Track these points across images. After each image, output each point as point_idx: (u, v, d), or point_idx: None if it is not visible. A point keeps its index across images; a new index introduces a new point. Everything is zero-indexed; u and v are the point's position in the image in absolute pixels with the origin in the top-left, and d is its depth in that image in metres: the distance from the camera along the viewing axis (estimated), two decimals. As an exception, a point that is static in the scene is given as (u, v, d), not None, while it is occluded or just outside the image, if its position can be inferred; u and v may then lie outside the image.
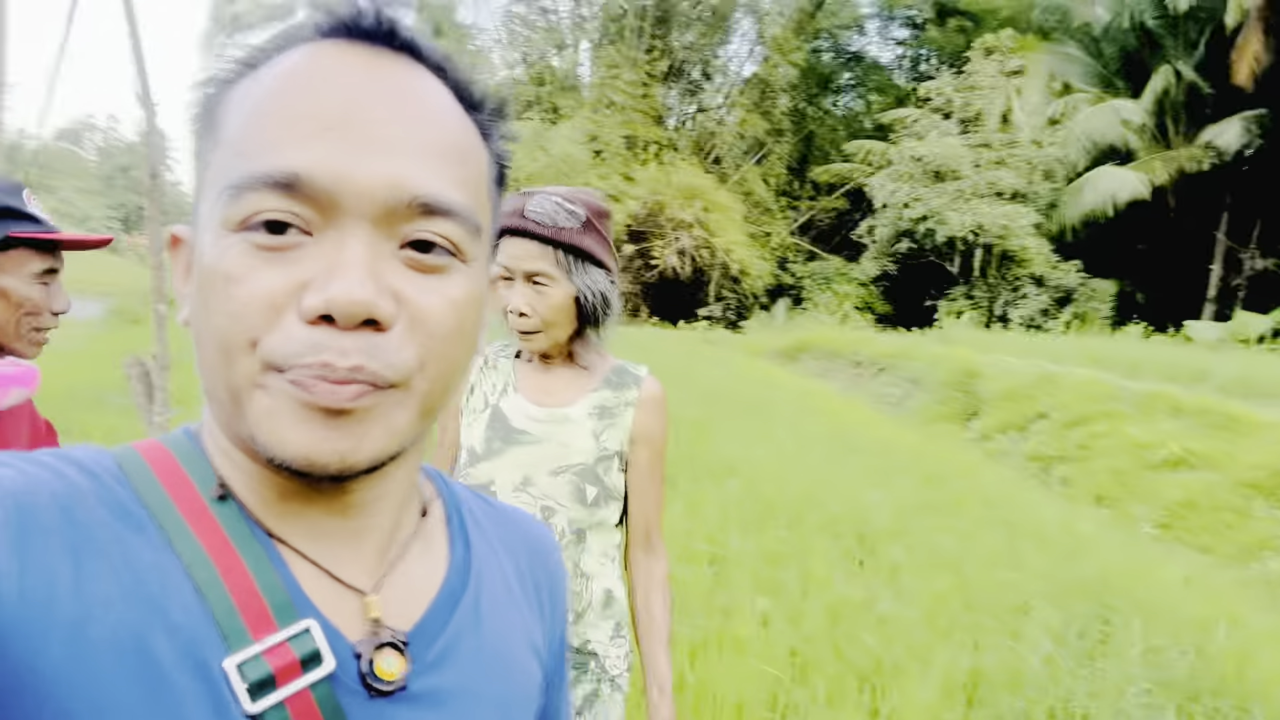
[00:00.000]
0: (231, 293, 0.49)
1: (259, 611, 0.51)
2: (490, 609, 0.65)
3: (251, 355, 0.49)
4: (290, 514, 0.56)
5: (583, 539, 1.60)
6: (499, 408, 1.67)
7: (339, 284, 0.48)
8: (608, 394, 1.65)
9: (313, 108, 0.50)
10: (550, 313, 1.56)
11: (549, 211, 1.53)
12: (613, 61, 25.53)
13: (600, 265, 1.58)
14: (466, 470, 1.65)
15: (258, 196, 0.49)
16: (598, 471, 1.60)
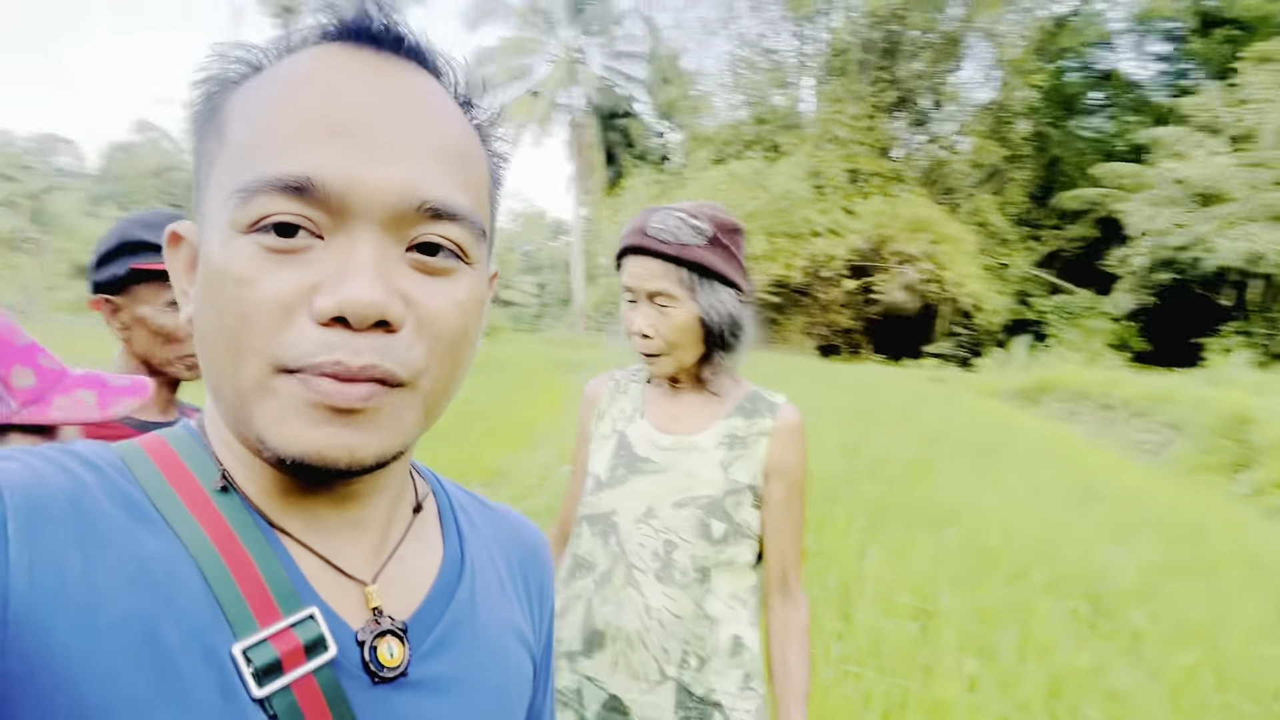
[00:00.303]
0: (243, 294, 0.50)
1: (264, 599, 0.52)
2: (484, 600, 0.66)
3: (261, 357, 0.50)
4: (291, 506, 0.57)
5: (707, 578, 1.50)
6: (625, 434, 1.61)
7: (351, 286, 0.49)
8: (739, 422, 1.55)
9: (322, 111, 0.51)
10: (674, 334, 1.48)
11: (671, 228, 1.46)
12: (836, 96, 25.28)
13: (729, 284, 1.49)
14: (589, 498, 1.59)
15: (269, 199, 0.50)
16: (726, 506, 1.50)
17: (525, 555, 0.75)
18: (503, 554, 0.73)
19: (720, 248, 1.48)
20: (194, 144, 0.58)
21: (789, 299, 23.86)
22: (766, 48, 28.58)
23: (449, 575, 0.65)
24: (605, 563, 1.54)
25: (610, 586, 1.52)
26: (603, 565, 1.54)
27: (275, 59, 0.56)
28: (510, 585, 0.72)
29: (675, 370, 1.53)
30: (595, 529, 1.56)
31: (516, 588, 0.72)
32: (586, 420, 1.71)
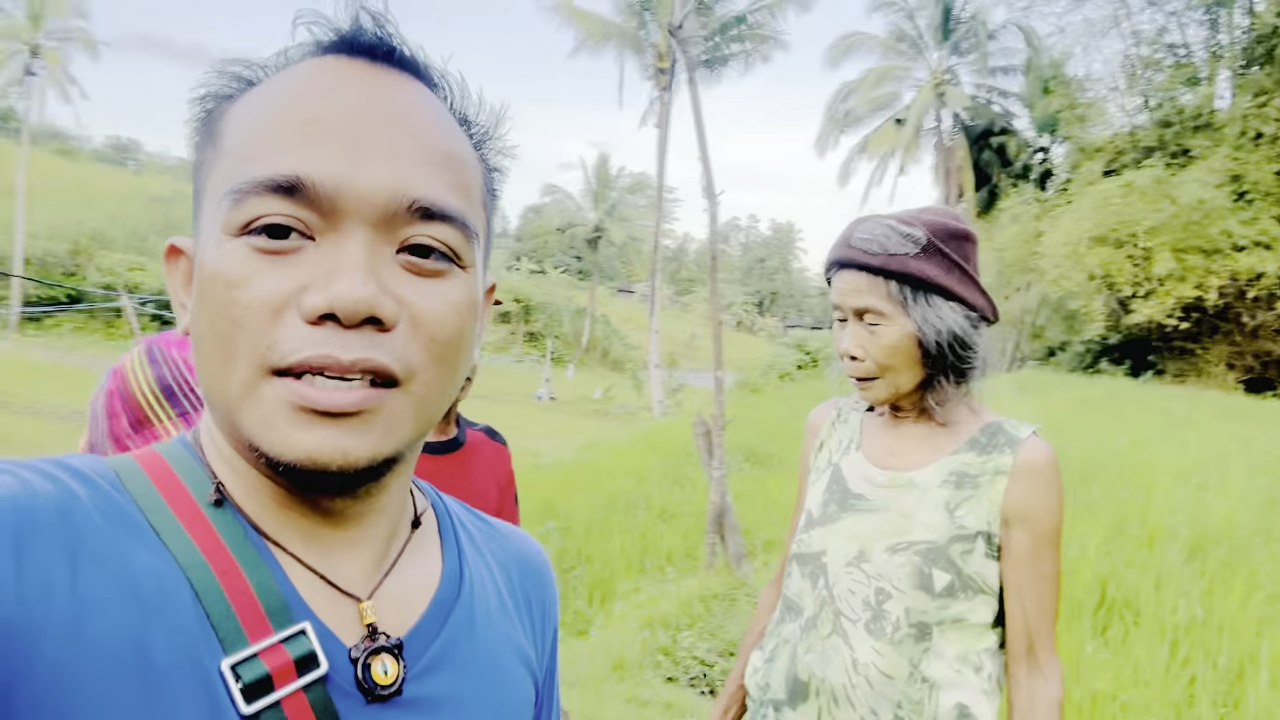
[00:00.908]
0: (233, 296, 0.50)
1: (255, 614, 0.51)
2: (483, 619, 0.65)
3: (251, 359, 0.50)
4: (288, 521, 0.56)
5: (926, 636, 1.31)
6: (839, 467, 1.48)
7: (341, 283, 0.49)
8: (971, 458, 1.35)
9: (314, 115, 0.52)
10: (884, 355, 1.33)
11: (878, 236, 1.32)
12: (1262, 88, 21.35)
13: (952, 298, 1.32)
14: (800, 535, 1.48)
15: (260, 201, 0.50)
16: (951, 554, 1.30)
17: (527, 574, 0.74)
18: (504, 572, 0.71)
19: (938, 256, 1.32)
20: (193, 160, 0.58)
21: (1204, 325, 20.45)
22: (1169, 42, 25.07)
23: (447, 592, 0.63)
24: (812, 607, 1.42)
25: (816, 633, 1.40)
26: (810, 609, 1.43)
27: (272, 73, 0.56)
28: (511, 603, 0.70)
29: (890, 396, 1.39)
30: (805, 569, 1.45)
31: (518, 606, 0.71)
32: (807, 452, 1.61)
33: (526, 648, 0.70)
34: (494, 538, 0.74)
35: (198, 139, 0.57)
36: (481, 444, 1.97)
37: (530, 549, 0.77)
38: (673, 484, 8.97)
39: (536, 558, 0.77)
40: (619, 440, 12.66)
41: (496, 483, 1.95)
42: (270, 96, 0.54)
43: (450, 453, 1.87)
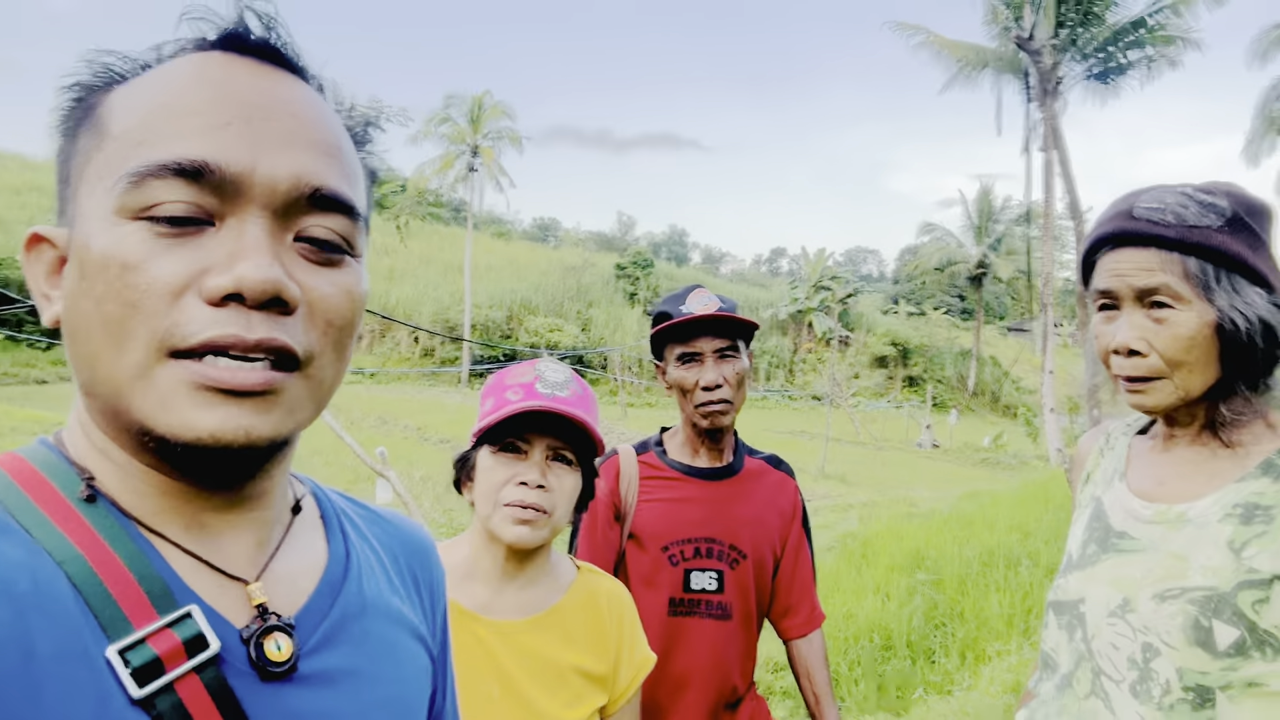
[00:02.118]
0: (129, 280, 0.50)
1: (137, 600, 0.51)
2: (374, 596, 0.67)
3: (147, 342, 0.50)
4: (170, 509, 0.56)
5: (1208, 703, 1.08)
6: (1101, 501, 1.28)
7: (246, 264, 0.50)
8: (1264, 486, 1.10)
9: (212, 102, 0.53)
10: (1177, 348, 1.11)
11: (1172, 205, 1.12)
12: None
13: (1259, 281, 1.11)
14: (1059, 580, 1.30)
15: (163, 184, 0.50)
16: (1238, 604, 1.07)
17: (414, 555, 0.76)
18: (390, 553, 0.73)
19: (1246, 232, 1.11)
20: (61, 148, 0.57)
21: None
22: None
23: (334, 572, 0.65)
24: (1069, 663, 1.25)
25: (1071, 694, 1.23)
26: (1066, 665, 1.26)
27: (147, 66, 0.57)
28: (400, 583, 0.72)
29: (1175, 402, 1.15)
30: (1061, 620, 1.28)
31: (406, 585, 0.72)
32: (1074, 486, 1.42)
33: (418, 623, 0.71)
34: (377, 523, 0.75)
35: (67, 126, 0.57)
36: (763, 472, 1.96)
37: (415, 532, 0.78)
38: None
39: (421, 540, 0.78)
40: (1004, 490, 11.73)
41: (778, 512, 1.94)
42: (162, 85, 0.54)
43: (725, 479, 1.88)
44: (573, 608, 1.37)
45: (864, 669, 5.42)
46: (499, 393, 1.34)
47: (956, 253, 44.52)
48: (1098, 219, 1.23)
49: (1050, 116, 16.82)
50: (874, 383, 35.22)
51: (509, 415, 1.27)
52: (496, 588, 1.34)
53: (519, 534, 1.28)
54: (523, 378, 1.34)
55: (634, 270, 41.62)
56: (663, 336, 1.85)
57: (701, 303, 1.81)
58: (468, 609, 1.31)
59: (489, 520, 1.30)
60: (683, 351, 1.81)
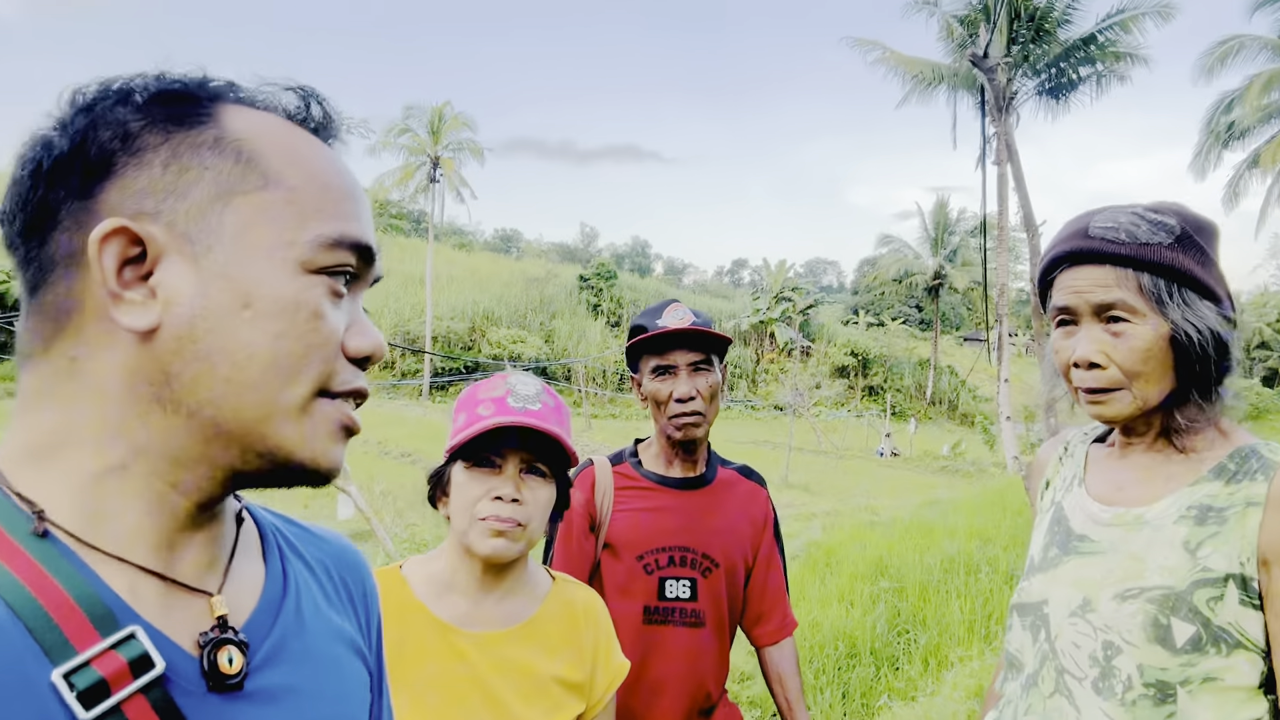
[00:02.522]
0: (317, 326, 0.58)
1: (79, 623, 0.51)
2: (312, 612, 0.69)
3: (314, 381, 0.59)
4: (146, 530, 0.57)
5: (1169, 699, 1.12)
6: (1061, 506, 1.33)
7: (375, 334, 0.63)
8: (1216, 489, 1.16)
9: (356, 192, 0.64)
10: (1135, 360, 1.16)
11: (1125, 224, 1.17)
12: None
13: (1208, 295, 1.17)
14: (1022, 583, 1.34)
15: (345, 253, 0.60)
16: (1195, 602, 1.12)
17: (346, 569, 0.78)
18: (323, 569, 0.75)
19: (1194, 249, 1.17)
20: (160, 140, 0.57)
21: None
22: None
23: (274, 589, 0.66)
24: (1033, 663, 1.29)
25: (1036, 692, 1.27)
26: (1030, 665, 1.29)
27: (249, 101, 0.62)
28: (336, 598, 0.74)
29: (1134, 411, 1.19)
30: (1025, 621, 1.32)
31: (341, 600, 0.74)
32: (1034, 494, 1.48)
33: (356, 637, 0.73)
34: (309, 539, 0.76)
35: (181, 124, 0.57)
36: (735, 482, 2.00)
37: (344, 545, 0.81)
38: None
39: (351, 553, 0.81)
40: (963, 498, 11.92)
41: (750, 521, 1.98)
42: (307, 154, 0.62)
43: (698, 489, 1.93)
44: (550, 618, 1.39)
45: (829, 677, 5.46)
46: (471, 407, 1.35)
47: (914, 264, 45.20)
48: (1054, 239, 1.27)
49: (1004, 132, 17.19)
50: (835, 392, 35.55)
51: (482, 431, 1.29)
52: (475, 600, 1.35)
53: (495, 547, 1.30)
54: (494, 392, 1.35)
55: (597, 282, 41.61)
56: (638, 349, 1.89)
57: (677, 317, 1.86)
58: (447, 622, 1.32)
59: (465, 535, 1.31)
60: (657, 364, 1.86)
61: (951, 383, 42.87)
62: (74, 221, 0.55)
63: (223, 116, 0.59)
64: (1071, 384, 1.24)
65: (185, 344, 0.55)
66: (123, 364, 0.55)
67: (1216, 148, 23.69)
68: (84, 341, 0.56)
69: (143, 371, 0.55)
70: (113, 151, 0.56)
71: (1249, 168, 23.44)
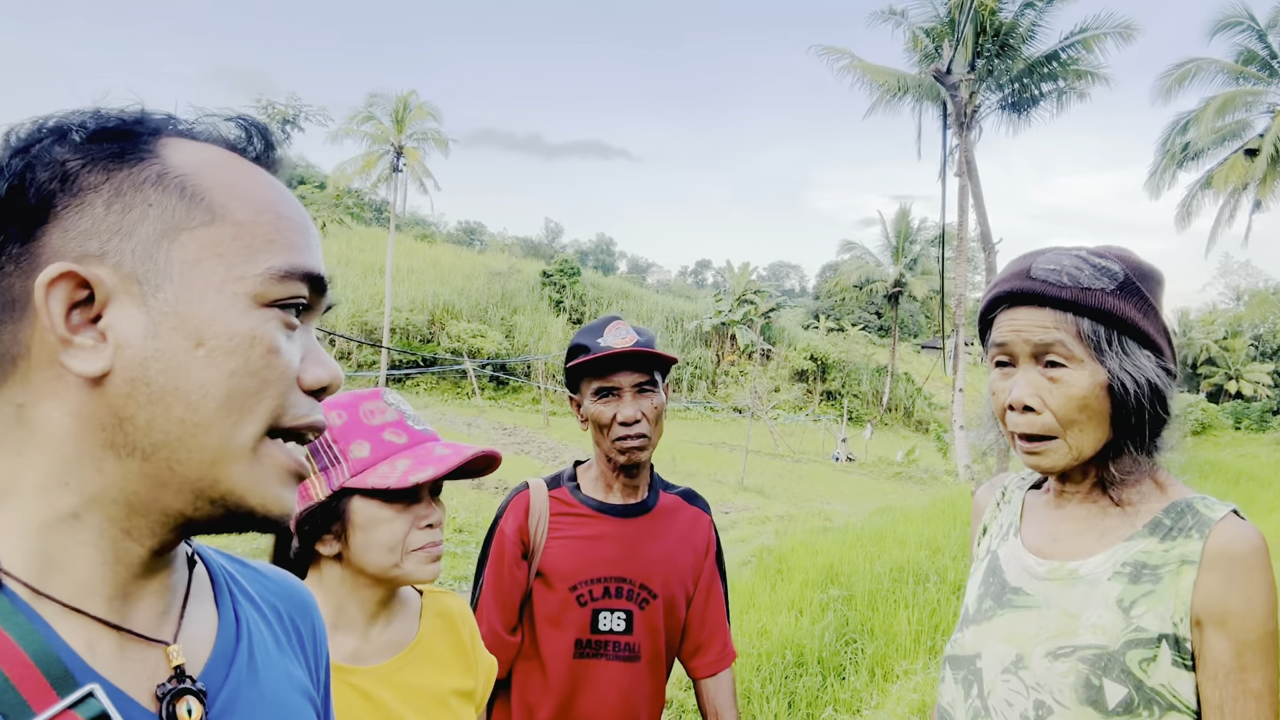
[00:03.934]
0: (271, 361, 0.57)
1: (36, 683, 0.50)
2: (264, 661, 0.68)
3: (266, 418, 0.57)
4: (99, 580, 0.56)
5: None
6: (997, 555, 1.30)
7: (332, 364, 0.61)
8: (1151, 545, 1.13)
9: (303, 222, 0.62)
10: (1069, 407, 1.13)
11: (1067, 267, 1.15)
12: None
13: (1148, 344, 1.14)
14: (956, 635, 1.30)
15: (297, 285, 0.59)
16: (1127, 663, 1.09)
17: (295, 609, 0.77)
18: (273, 610, 0.74)
19: (1136, 296, 1.15)
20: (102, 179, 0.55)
21: None
22: None
23: (226, 638, 0.65)
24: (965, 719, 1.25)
25: None
26: None
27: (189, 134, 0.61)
28: (286, 640, 0.73)
29: (1068, 462, 1.16)
30: (957, 674, 1.28)
31: (292, 642, 0.74)
32: (973, 539, 1.45)
33: (305, 680, 0.73)
34: (257, 580, 0.76)
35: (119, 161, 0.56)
36: (677, 508, 1.93)
37: (294, 584, 0.80)
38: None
39: (301, 593, 0.80)
40: (915, 506, 12.03)
41: (692, 549, 1.91)
42: (252, 185, 0.61)
43: (638, 516, 1.86)
44: (433, 633, 1.36)
45: (775, 686, 5.45)
46: (372, 435, 1.25)
47: (875, 271, 45.74)
48: (996, 277, 1.25)
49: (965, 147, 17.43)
50: (793, 396, 35.81)
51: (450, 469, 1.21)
52: (363, 634, 1.29)
53: (435, 570, 1.27)
54: (388, 415, 1.27)
55: (560, 278, 41.38)
56: (579, 370, 1.80)
57: (619, 335, 1.78)
58: (340, 664, 1.25)
59: (395, 569, 1.24)
60: (600, 386, 1.77)
61: (908, 390, 43.43)
62: (16, 267, 0.54)
63: (164, 151, 0.57)
64: (1007, 428, 1.21)
65: (138, 386, 0.53)
66: (73, 410, 0.54)
67: (1172, 167, 24.27)
68: (31, 388, 0.54)
69: (95, 417, 0.54)
70: (52, 193, 0.54)
71: (1202, 188, 24.06)
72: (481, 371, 32.43)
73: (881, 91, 21.28)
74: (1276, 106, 22.14)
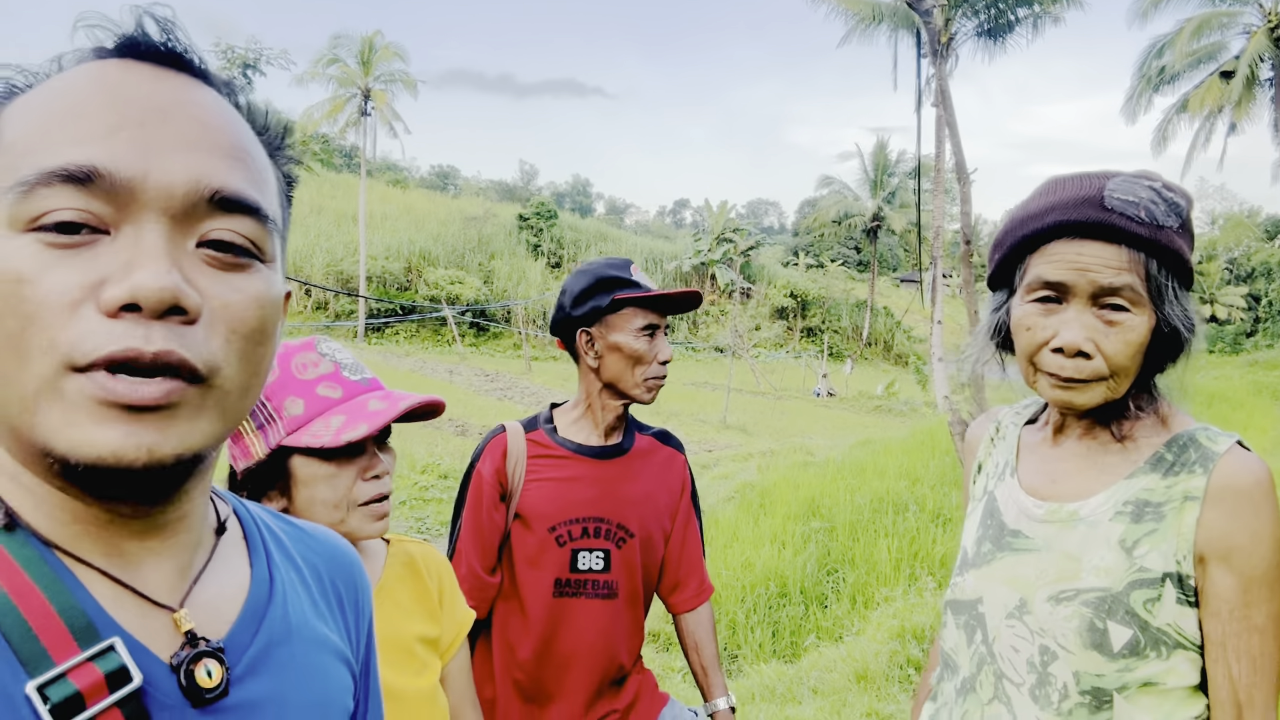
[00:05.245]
0: (24, 293, 0.48)
1: (59, 634, 0.50)
2: (298, 620, 0.66)
3: (47, 357, 0.48)
4: (88, 536, 0.54)
5: (1104, 705, 1.07)
6: (994, 496, 1.25)
7: (142, 273, 0.48)
8: (1153, 481, 1.08)
9: (105, 107, 0.51)
10: (1126, 354, 1.06)
11: (1145, 200, 1.05)
12: None
13: (1189, 284, 1.10)
14: (955, 578, 1.26)
15: (51, 192, 0.48)
16: (1132, 604, 1.05)
17: (337, 571, 0.74)
18: (314, 571, 0.72)
19: (1190, 234, 1.09)
20: None
21: None
22: None
23: (258, 597, 0.63)
24: (970, 666, 1.22)
25: (974, 698, 1.20)
26: (967, 669, 1.22)
27: (45, 76, 0.55)
28: (324, 602, 0.71)
29: (1104, 402, 1.10)
30: (959, 620, 1.25)
31: (329, 603, 0.71)
32: (966, 477, 1.39)
33: (341, 644, 0.70)
34: (301, 539, 0.73)
35: None
36: (652, 449, 1.96)
37: (339, 547, 0.77)
38: (951, 485, 8.50)
39: (346, 554, 0.77)
40: (895, 438, 12.18)
41: (668, 489, 1.95)
42: (55, 93, 0.52)
43: (614, 458, 1.88)
44: (396, 579, 1.35)
45: (760, 616, 5.58)
46: (305, 391, 1.21)
47: (853, 206, 45.52)
48: (1048, 198, 1.12)
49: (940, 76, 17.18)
50: (774, 334, 35.93)
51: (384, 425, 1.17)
52: None
53: (383, 527, 1.24)
54: (322, 368, 1.22)
55: (537, 221, 40.91)
56: (619, 303, 1.79)
57: (645, 278, 1.84)
58: None
59: (341, 525, 1.21)
60: (649, 322, 1.80)
61: (887, 324, 43.67)
62: None
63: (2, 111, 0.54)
64: (1036, 366, 1.13)
65: None
66: None
67: (1148, 92, 24.11)
68: None
69: None
70: None
71: (1178, 112, 23.97)
72: (461, 318, 32.24)
73: (856, 20, 20.89)
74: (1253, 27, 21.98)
